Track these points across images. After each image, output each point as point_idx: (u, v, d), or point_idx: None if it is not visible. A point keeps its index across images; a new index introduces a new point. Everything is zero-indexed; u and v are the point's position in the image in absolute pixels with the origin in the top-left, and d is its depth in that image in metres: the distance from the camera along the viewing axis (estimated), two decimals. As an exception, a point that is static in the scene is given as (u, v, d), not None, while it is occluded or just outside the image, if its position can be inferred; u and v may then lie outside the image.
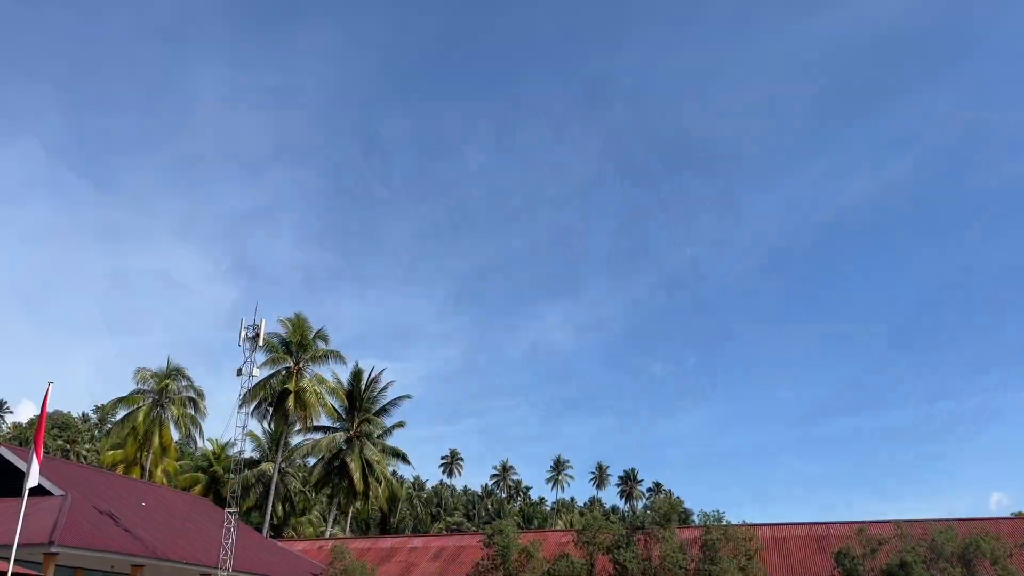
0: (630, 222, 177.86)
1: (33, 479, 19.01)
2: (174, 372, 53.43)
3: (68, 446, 74.21)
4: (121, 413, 53.06)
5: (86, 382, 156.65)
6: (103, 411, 71.09)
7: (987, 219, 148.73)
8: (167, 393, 51.95)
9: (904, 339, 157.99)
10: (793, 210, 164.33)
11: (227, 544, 25.83)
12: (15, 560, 18.29)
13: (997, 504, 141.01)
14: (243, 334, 28.53)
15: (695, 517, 32.51)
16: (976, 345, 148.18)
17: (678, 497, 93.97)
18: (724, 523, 30.57)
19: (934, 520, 31.45)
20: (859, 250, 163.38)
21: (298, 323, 50.12)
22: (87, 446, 76.18)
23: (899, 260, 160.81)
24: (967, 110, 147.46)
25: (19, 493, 20.27)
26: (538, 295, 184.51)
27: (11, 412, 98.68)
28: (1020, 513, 47.99)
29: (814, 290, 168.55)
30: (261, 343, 29.42)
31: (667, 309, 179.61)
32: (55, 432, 75.96)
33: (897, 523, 29.71)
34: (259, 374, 35.13)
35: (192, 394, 54.41)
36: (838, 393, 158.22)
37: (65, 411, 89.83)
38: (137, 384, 52.33)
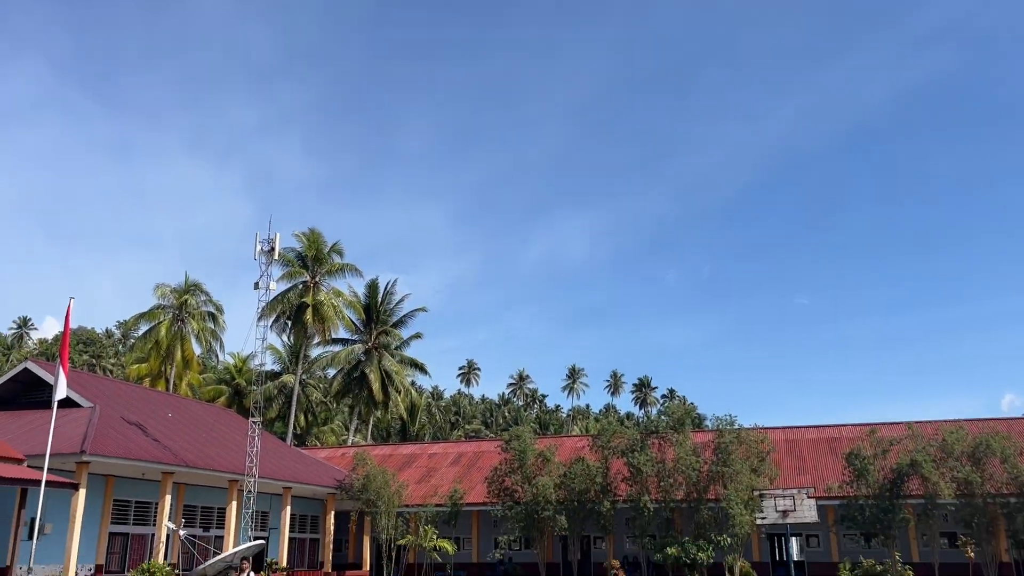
0: (643, 130, 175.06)
1: (61, 391, 19.47)
2: (192, 287, 53.98)
3: (94, 361, 75.82)
4: (143, 328, 53.96)
5: (107, 298, 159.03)
6: (126, 327, 72.32)
7: (1009, 122, 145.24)
8: (186, 308, 52.62)
9: (921, 242, 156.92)
10: (812, 114, 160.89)
11: (252, 452, 26.59)
12: (49, 469, 18.93)
13: (1009, 405, 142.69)
14: (258, 248, 28.66)
15: (708, 422, 33.05)
16: (993, 247, 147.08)
17: (692, 403, 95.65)
18: (737, 427, 31.09)
19: (945, 421, 31.88)
20: (877, 154, 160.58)
21: (313, 237, 50.25)
22: (112, 360, 77.81)
23: (917, 164, 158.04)
24: (995, 8, 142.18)
25: (49, 405, 20.85)
26: (552, 205, 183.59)
27: (36, 329, 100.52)
28: (1031, 414, 48.53)
29: (831, 195, 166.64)
30: (276, 257, 29.59)
31: (682, 217, 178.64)
32: (80, 348, 77.49)
33: (908, 424, 30.14)
34: (276, 288, 35.51)
35: (211, 308, 55.10)
36: (853, 298, 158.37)
37: (89, 327, 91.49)
38: (157, 299, 53.00)
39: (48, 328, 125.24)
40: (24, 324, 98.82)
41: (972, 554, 27.70)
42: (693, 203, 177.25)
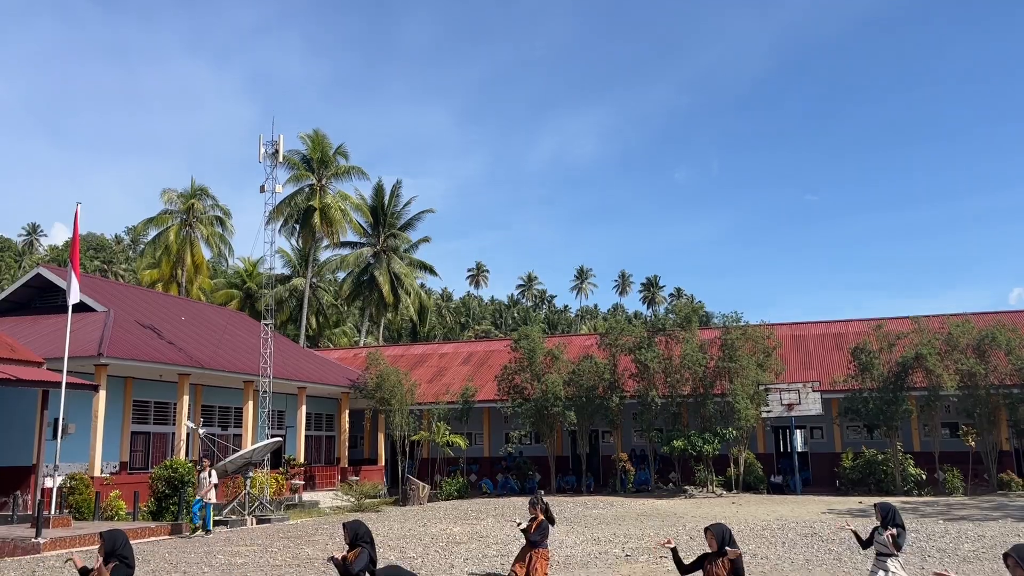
0: (653, 21, 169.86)
1: (75, 295, 19.67)
2: (199, 192, 53.82)
3: (105, 266, 76.35)
4: (152, 233, 54.12)
5: (115, 204, 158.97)
6: (134, 232, 72.46)
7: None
8: (194, 212, 52.60)
9: (933, 135, 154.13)
10: (825, 1, 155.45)
11: (266, 353, 27.04)
12: (68, 371, 19.32)
13: (1017, 299, 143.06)
14: (262, 151, 28.36)
15: (716, 319, 33.32)
16: (1006, 139, 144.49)
17: (699, 301, 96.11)
18: (743, 323, 31.33)
19: (952, 315, 32.01)
20: (890, 44, 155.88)
21: (317, 139, 49.69)
22: (123, 266, 78.32)
23: (931, 52, 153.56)
24: None
25: (63, 310, 21.12)
26: (559, 102, 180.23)
27: (45, 235, 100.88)
28: (1038, 308, 48.72)
29: (843, 87, 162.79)
30: (281, 160, 29.30)
31: (692, 112, 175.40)
32: (91, 254, 77.90)
33: (915, 319, 30.25)
34: (282, 191, 35.28)
35: (218, 213, 55.08)
36: (862, 194, 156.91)
37: (98, 233, 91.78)
38: (164, 204, 52.99)
39: (57, 234, 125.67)
40: (33, 231, 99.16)
41: (973, 443, 28.30)
42: (703, 97, 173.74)
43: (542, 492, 13.48)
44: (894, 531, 9.08)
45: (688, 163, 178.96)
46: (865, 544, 9.42)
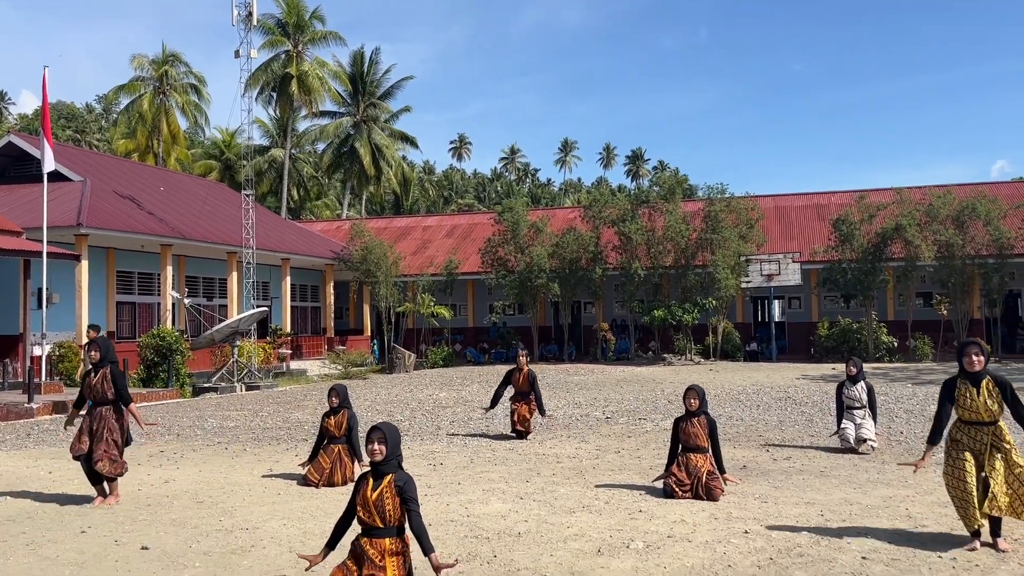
0: None
1: (49, 163, 19.25)
2: (171, 58, 51.91)
3: (78, 136, 74.36)
4: (124, 102, 52.53)
5: (83, 71, 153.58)
6: (107, 101, 70.22)
7: None
8: (167, 80, 50.91)
9: (921, 3, 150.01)
10: None
11: (248, 224, 26.86)
12: (48, 241, 19.15)
13: (999, 171, 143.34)
14: (235, 13, 27.26)
15: (701, 192, 33.26)
16: (995, 7, 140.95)
17: (683, 174, 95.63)
18: (727, 195, 31.33)
19: (934, 186, 32.13)
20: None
21: (292, 2, 47.63)
22: (97, 136, 76.34)
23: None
24: None
25: (37, 179, 20.73)
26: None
27: (13, 104, 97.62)
28: (1021, 179, 48.83)
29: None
30: (255, 23, 28.22)
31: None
32: (62, 123, 75.69)
33: (897, 190, 30.37)
34: (257, 57, 34.15)
35: (193, 81, 53.35)
36: (849, 63, 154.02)
37: (68, 101, 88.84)
38: (134, 71, 51.18)
39: (26, 103, 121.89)
40: (1, 99, 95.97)
41: (945, 312, 29.03)
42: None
43: (525, 350, 13.88)
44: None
45: (676, 31, 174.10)
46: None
